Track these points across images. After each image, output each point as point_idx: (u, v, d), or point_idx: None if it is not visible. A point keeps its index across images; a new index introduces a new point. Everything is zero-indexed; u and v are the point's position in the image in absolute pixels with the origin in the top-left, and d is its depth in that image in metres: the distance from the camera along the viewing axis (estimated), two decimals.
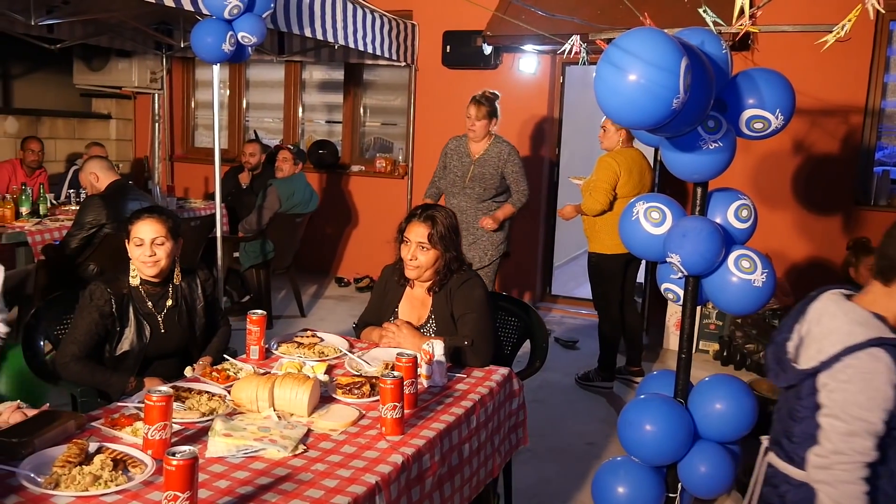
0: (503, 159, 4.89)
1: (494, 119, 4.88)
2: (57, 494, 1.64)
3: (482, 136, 4.91)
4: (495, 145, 4.93)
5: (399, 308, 2.99)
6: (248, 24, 4.16)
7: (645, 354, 5.71)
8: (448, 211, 2.93)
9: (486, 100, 4.84)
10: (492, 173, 4.89)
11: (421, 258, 2.84)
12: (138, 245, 2.71)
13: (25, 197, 5.35)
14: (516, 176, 4.93)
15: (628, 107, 1.97)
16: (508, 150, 4.91)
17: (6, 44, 7.12)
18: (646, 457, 2.51)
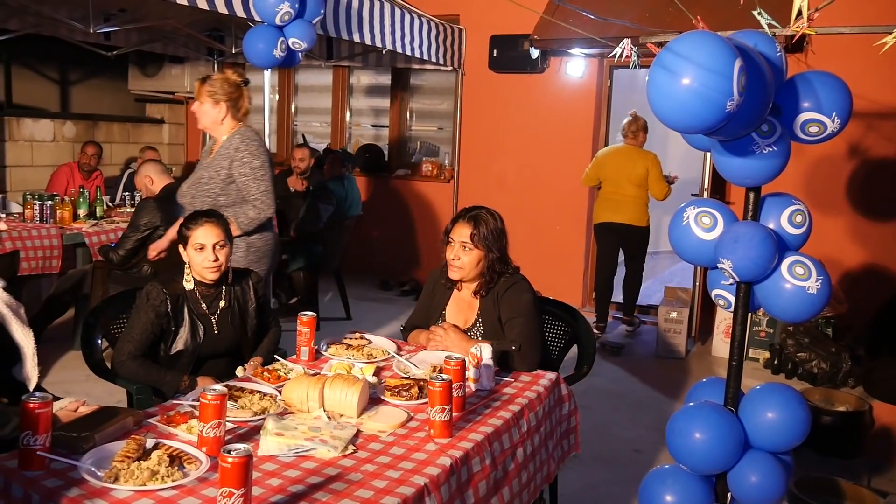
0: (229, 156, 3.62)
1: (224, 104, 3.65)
2: (116, 488, 1.68)
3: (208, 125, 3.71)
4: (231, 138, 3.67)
5: (446, 311, 3.00)
6: (298, 29, 4.23)
7: (693, 362, 5.65)
8: (495, 213, 2.93)
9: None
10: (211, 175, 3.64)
11: (464, 258, 2.85)
12: (199, 250, 2.76)
13: (83, 199, 5.50)
14: (246, 181, 3.60)
15: (681, 111, 1.95)
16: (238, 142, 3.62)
17: (65, 51, 7.34)
18: (695, 465, 2.48)
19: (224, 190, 3.60)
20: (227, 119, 3.64)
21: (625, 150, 6.08)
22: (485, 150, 7.26)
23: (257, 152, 3.62)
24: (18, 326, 2.23)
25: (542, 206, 6.99)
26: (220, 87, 3.61)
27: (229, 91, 3.62)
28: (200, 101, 3.62)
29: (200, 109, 3.63)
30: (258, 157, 3.61)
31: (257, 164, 3.59)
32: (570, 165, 6.87)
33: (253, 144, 3.62)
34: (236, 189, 3.60)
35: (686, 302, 6.01)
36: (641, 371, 5.43)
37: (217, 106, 3.60)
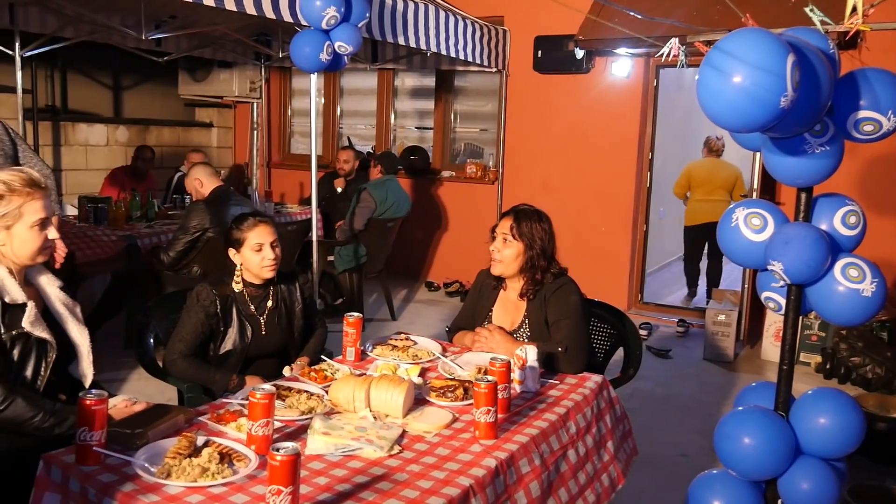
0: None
1: None
2: (168, 484, 1.72)
3: None
4: None
5: (493, 312, 3.00)
6: (344, 33, 4.27)
7: (742, 365, 5.56)
8: (542, 213, 2.93)
9: None
10: None
11: (504, 251, 2.85)
12: (257, 250, 2.82)
13: (135, 202, 5.63)
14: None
15: (732, 111, 1.92)
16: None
17: (118, 58, 7.53)
18: (744, 471, 2.44)
19: None
20: None
21: (716, 162, 7.33)
22: (529, 152, 7.24)
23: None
24: (75, 325, 2.30)
25: (588, 208, 6.94)
26: None
27: None
28: None
29: None
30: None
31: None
32: (615, 166, 6.81)
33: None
34: None
35: (734, 304, 5.90)
36: (688, 374, 5.35)
37: None
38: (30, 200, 2.11)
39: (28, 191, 2.11)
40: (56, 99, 8.00)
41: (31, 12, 6.15)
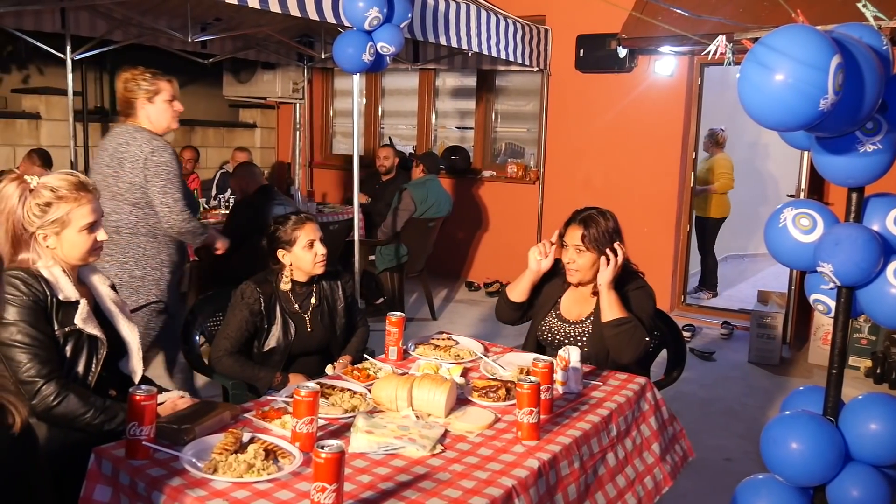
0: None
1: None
2: (215, 479, 1.75)
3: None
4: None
5: (561, 301, 2.99)
6: (386, 34, 4.29)
7: (789, 369, 5.46)
8: (607, 213, 2.90)
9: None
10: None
11: (579, 261, 2.84)
12: (308, 248, 2.86)
13: None
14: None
15: (774, 106, 1.89)
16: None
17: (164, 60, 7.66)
18: (791, 476, 2.39)
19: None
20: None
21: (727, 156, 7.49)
22: (570, 152, 7.20)
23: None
24: (125, 323, 2.35)
25: (630, 208, 6.86)
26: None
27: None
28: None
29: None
30: None
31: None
32: (658, 166, 6.74)
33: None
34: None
35: (781, 306, 5.80)
36: (733, 377, 5.27)
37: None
38: (77, 206, 2.15)
39: (76, 196, 2.15)
40: (105, 101, 8.18)
41: (82, 16, 6.30)
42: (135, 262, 3.34)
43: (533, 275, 2.94)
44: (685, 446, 2.73)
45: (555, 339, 2.93)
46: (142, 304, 3.34)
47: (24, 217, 2.12)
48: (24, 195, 2.12)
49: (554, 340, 2.93)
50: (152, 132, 3.38)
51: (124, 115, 3.47)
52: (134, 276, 3.33)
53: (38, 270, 2.12)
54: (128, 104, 3.45)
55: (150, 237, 3.36)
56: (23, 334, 2.03)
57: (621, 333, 2.72)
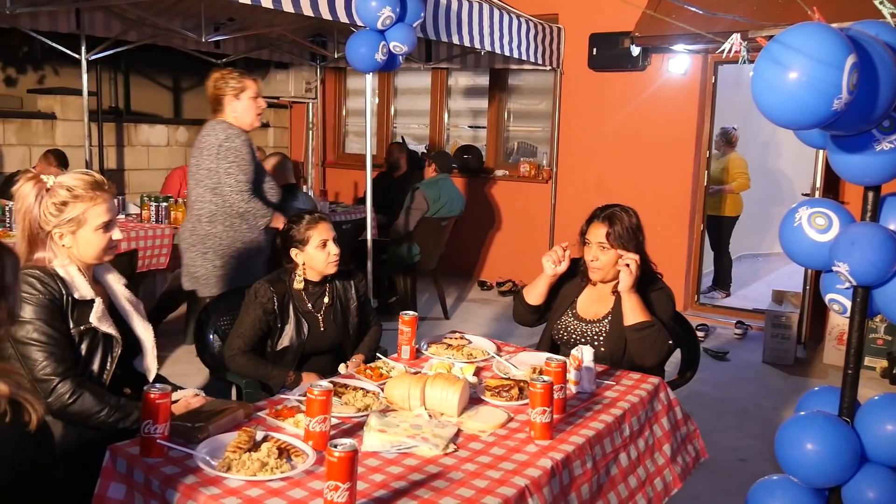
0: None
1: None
2: (229, 477, 1.76)
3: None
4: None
5: (578, 300, 2.98)
6: (399, 33, 4.30)
7: (803, 369, 5.43)
8: (629, 210, 2.89)
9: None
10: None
11: (602, 258, 2.83)
12: (321, 247, 2.86)
13: None
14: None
15: (788, 104, 1.87)
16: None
17: (178, 60, 7.72)
18: (806, 477, 2.38)
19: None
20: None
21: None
22: (584, 150, 7.18)
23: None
24: (139, 321, 2.36)
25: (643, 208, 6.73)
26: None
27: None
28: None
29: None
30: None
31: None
32: (672, 165, 6.71)
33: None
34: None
35: (796, 306, 5.76)
36: (747, 378, 5.24)
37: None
38: (93, 205, 2.16)
39: (91, 195, 2.16)
40: (119, 101, 8.24)
41: (97, 17, 6.35)
42: (213, 252, 3.59)
43: (549, 278, 2.94)
44: (698, 447, 2.72)
45: (570, 337, 2.92)
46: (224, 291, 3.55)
47: (41, 216, 2.13)
48: (40, 194, 2.13)
49: (570, 339, 2.92)
50: (230, 124, 3.64)
51: (213, 111, 3.74)
52: (216, 266, 3.61)
53: (53, 269, 2.14)
54: (216, 101, 3.71)
55: (226, 226, 3.60)
56: (39, 332, 2.05)
57: (645, 337, 2.72)
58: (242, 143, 3.60)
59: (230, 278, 3.59)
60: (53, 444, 1.39)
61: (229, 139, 3.57)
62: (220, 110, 3.69)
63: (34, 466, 1.28)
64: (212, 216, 3.60)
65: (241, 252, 3.63)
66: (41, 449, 1.31)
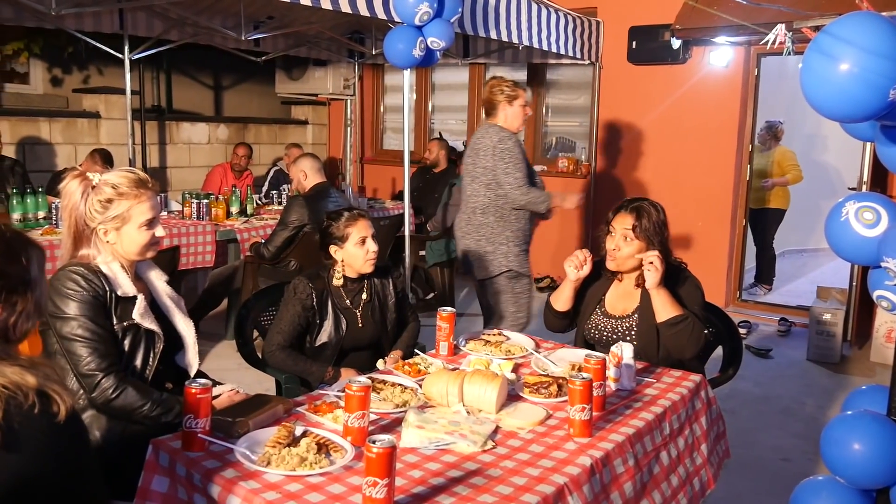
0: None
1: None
2: (268, 472, 1.77)
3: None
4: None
5: (606, 297, 2.96)
6: (437, 29, 4.29)
7: (849, 367, 5.31)
8: (658, 205, 2.87)
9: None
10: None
11: (624, 249, 2.80)
12: (360, 245, 2.87)
13: (235, 198, 5.82)
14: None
15: (840, 98, 1.83)
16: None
17: (219, 58, 7.81)
18: (853, 478, 2.32)
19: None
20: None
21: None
22: (622, 145, 7.10)
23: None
24: (181, 317, 2.39)
25: (683, 202, 6.75)
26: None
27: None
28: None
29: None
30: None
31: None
32: (713, 159, 6.61)
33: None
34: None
35: (841, 303, 5.63)
36: (791, 376, 5.14)
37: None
38: (137, 202, 2.19)
39: (136, 192, 2.19)
40: (161, 99, 8.37)
41: (139, 17, 6.46)
42: (486, 239, 4.07)
43: (573, 283, 2.93)
44: (724, 446, 2.68)
45: (602, 335, 2.90)
46: (494, 273, 4.09)
47: (86, 213, 2.17)
48: (86, 192, 2.17)
49: (601, 337, 2.90)
50: (502, 127, 4.06)
51: (487, 114, 4.19)
52: (487, 251, 4.07)
53: (97, 266, 2.18)
54: (491, 105, 4.14)
55: (497, 217, 4.06)
56: (83, 329, 2.09)
57: (680, 332, 2.69)
58: (514, 144, 4.01)
59: (498, 262, 4.06)
60: (85, 436, 1.40)
61: (502, 141, 3.98)
62: (493, 114, 4.13)
63: (63, 457, 1.29)
64: (485, 208, 4.06)
65: (508, 239, 4.08)
66: (71, 440, 1.32)
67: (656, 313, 2.74)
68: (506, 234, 4.08)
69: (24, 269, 1.39)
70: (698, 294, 2.84)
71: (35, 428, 1.24)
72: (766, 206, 7.24)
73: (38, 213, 4.90)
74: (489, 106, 4.15)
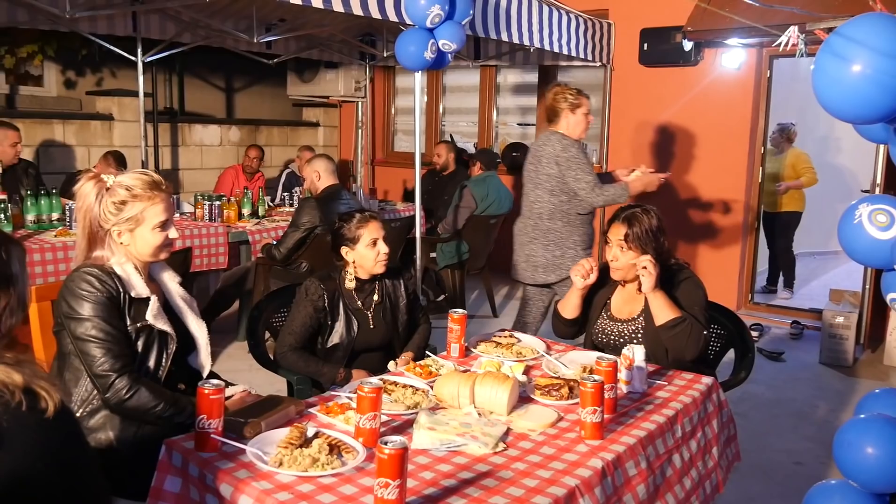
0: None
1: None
2: (281, 472, 1.78)
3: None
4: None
5: (611, 302, 2.98)
6: (448, 31, 4.29)
7: (862, 370, 5.28)
8: (651, 210, 2.88)
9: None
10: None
11: (622, 259, 2.83)
12: (372, 246, 2.88)
13: (246, 199, 5.84)
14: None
15: (852, 99, 1.82)
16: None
17: (231, 61, 7.84)
18: (866, 482, 2.31)
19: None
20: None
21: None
22: (634, 147, 7.09)
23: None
24: (193, 319, 2.40)
25: (695, 205, 6.74)
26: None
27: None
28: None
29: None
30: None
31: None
32: (725, 161, 6.59)
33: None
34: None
35: (855, 306, 5.60)
36: (803, 379, 5.12)
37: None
38: (151, 204, 2.21)
39: (149, 194, 2.21)
40: (174, 101, 8.41)
41: (152, 20, 6.50)
42: (554, 244, 4.13)
43: (580, 291, 2.96)
44: (735, 449, 2.67)
45: (609, 339, 2.91)
46: (563, 277, 4.10)
47: (101, 215, 2.19)
48: (100, 193, 2.19)
49: (609, 342, 2.91)
50: (564, 134, 4.11)
51: (549, 121, 4.25)
52: (555, 256, 4.14)
53: (111, 267, 2.19)
54: (553, 112, 4.20)
55: (564, 222, 4.12)
56: (97, 329, 2.10)
57: (678, 334, 2.69)
58: (577, 150, 4.07)
59: (566, 266, 4.06)
60: (80, 433, 1.37)
61: (566, 150, 4.04)
62: (555, 121, 4.18)
63: (58, 455, 1.27)
64: (551, 214, 4.13)
65: (576, 243, 4.15)
66: (62, 436, 1.30)
67: (654, 317, 2.76)
68: (573, 239, 4.15)
69: (4, 264, 1.37)
70: (699, 294, 2.84)
71: (23, 426, 1.23)
72: (781, 210, 7.19)
73: (52, 215, 4.93)
74: (552, 113, 4.19)
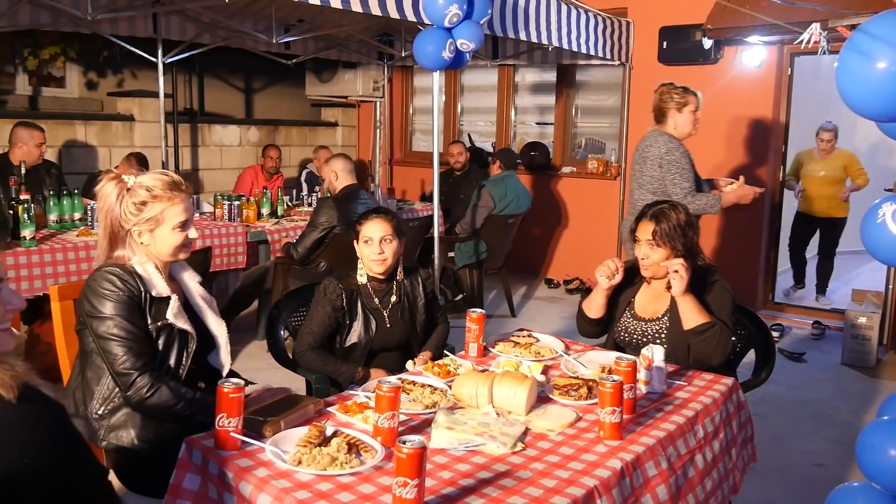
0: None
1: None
2: (300, 471, 1.78)
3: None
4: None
5: (635, 300, 2.96)
6: (466, 30, 4.29)
7: (884, 371, 5.22)
8: (679, 206, 2.87)
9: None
10: None
11: (652, 256, 2.81)
12: (367, 243, 2.89)
13: (266, 199, 5.87)
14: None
15: (876, 96, 1.80)
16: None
17: (250, 61, 7.89)
18: (890, 484, 2.28)
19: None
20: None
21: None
22: None
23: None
24: (213, 318, 2.42)
25: None
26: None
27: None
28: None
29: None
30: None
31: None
32: (745, 160, 6.53)
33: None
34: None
35: (878, 306, 5.54)
36: (825, 380, 5.07)
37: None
38: (171, 204, 2.23)
39: (169, 195, 2.23)
40: (194, 102, 8.47)
41: (172, 21, 6.54)
42: None
43: (605, 291, 2.93)
44: (751, 450, 2.64)
45: (632, 338, 2.90)
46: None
47: (121, 215, 2.21)
48: (121, 194, 2.21)
49: (632, 340, 2.90)
50: (671, 135, 4.13)
51: (656, 120, 4.25)
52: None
53: (132, 267, 2.21)
54: (660, 112, 4.22)
55: None
56: (119, 328, 2.12)
57: (707, 339, 2.67)
58: (681, 154, 4.08)
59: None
60: (74, 430, 1.27)
61: (670, 152, 4.06)
62: (662, 121, 4.19)
63: (53, 452, 1.20)
64: None
65: None
66: (56, 435, 1.22)
67: (683, 321, 2.73)
68: None
69: None
70: (727, 298, 2.81)
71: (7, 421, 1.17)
72: (834, 216, 6.95)
73: (74, 215, 4.98)
74: (658, 113, 4.18)
